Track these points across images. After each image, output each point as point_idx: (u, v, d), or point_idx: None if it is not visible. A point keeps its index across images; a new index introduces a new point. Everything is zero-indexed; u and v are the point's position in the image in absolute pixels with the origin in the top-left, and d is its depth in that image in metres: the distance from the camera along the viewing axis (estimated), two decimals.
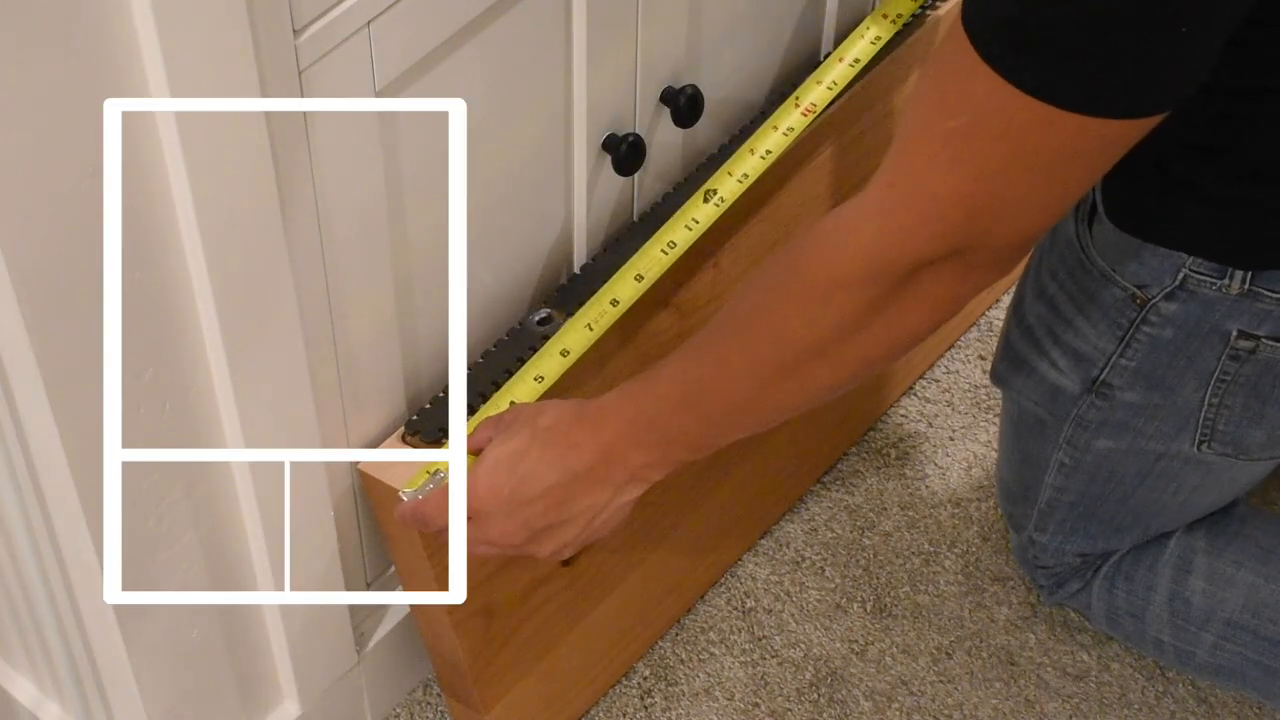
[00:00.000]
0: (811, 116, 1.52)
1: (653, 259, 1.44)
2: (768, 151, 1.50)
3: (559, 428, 1.27)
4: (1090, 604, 1.59)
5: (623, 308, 1.41)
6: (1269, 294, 1.31)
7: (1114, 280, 1.36)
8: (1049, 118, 1.04)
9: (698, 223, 1.46)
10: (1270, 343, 1.34)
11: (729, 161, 1.50)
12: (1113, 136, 1.06)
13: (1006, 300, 1.91)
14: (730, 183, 1.48)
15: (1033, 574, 1.62)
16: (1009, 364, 1.49)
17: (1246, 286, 1.31)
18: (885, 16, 1.61)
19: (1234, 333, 1.34)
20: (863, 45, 1.59)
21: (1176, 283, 1.33)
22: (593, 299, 1.42)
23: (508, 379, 1.41)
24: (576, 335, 1.40)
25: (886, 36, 1.60)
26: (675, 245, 1.44)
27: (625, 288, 1.42)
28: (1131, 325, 1.37)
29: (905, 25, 1.64)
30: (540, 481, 1.26)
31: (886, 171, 1.12)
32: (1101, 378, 1.41)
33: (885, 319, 1.15)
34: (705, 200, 1.47)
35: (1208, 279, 1.32)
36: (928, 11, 1.67)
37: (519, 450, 1.27)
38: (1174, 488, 1.47)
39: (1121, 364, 1.39)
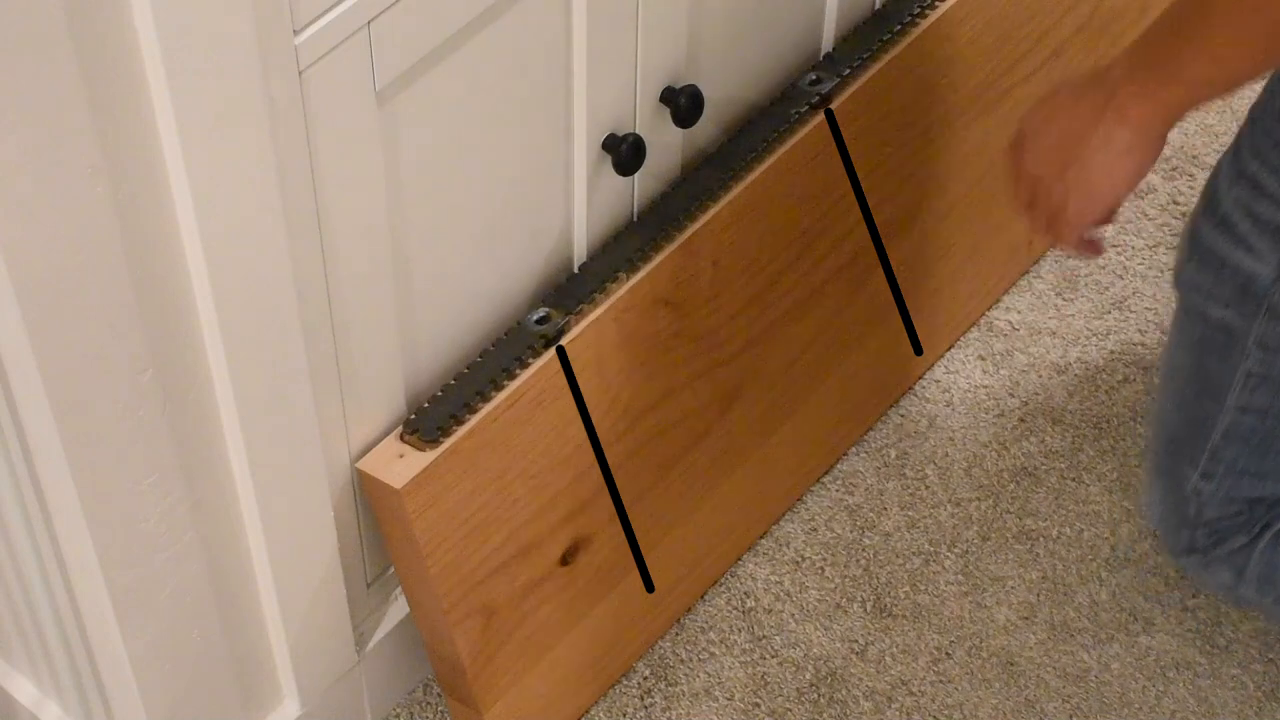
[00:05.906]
0: None
1: None
2: None
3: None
4: (1246, 564, 1.54)
5: None
6: None
7: None
8: None
9: None
10: None
11: None
12: None
13: (1008, 299, 1.91)
14: None
15: (1189, 537, 1.55)
16: (1198, 263, 1.44)
17: None
18: None
19: None
20: None
21: None
22: None
23: (506, 378, 1.42)
24: None
25: None
26: None
27: None
28: None
29: (906, 27, 1.64)
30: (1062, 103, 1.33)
31: None
32: None
33: None
34: None
35: None
36: (927, 11, 1.67)
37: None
38: None
39: None
